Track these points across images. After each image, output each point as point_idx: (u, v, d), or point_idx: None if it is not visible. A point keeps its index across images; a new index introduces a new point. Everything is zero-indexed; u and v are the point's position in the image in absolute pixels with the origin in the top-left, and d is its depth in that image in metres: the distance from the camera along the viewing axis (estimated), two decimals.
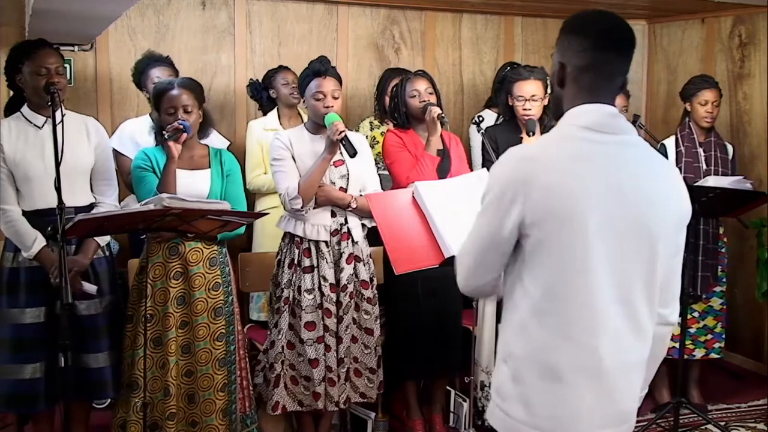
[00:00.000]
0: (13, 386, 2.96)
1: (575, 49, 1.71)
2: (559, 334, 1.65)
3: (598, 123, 1.68)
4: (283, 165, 3.20)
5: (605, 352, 1.65)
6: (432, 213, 2.67)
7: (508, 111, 3.71)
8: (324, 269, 3.21)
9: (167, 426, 3.00)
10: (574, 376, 1.65)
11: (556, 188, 1.62)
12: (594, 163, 1.65)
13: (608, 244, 1.63)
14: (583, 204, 1.62)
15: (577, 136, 1.68)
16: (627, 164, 1.67)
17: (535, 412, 1.67)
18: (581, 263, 1.62)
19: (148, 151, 3.10)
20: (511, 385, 1.71)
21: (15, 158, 2.97)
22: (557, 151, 1.68)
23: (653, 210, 1.67)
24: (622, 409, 1.72)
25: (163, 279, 3.01)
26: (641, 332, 1.70)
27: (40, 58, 2.95)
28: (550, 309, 1.65)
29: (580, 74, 1.70)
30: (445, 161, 3.48)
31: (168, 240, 3.02)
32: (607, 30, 1.71)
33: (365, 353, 3.33)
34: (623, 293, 1.66)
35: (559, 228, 1.62)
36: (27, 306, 2.98)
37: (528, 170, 1.65)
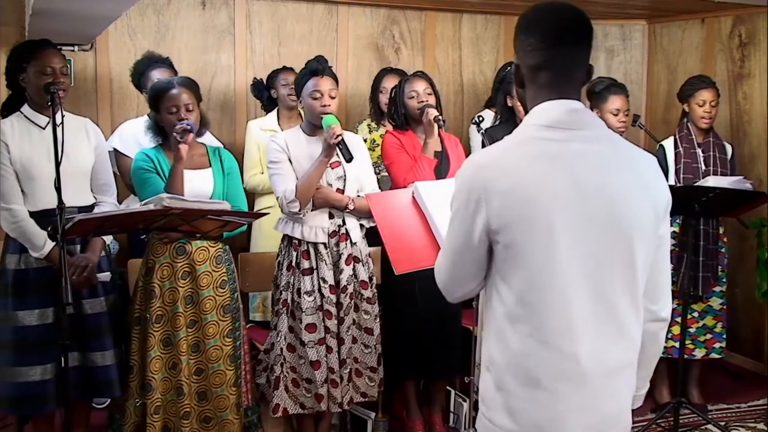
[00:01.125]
0: (22, 388, 2.95)
1: (527, 48, 1.66)
2: (534, 340, 1.60)
3: (557, 120, 1.63)
4: (280, 167, 3.20)
5: (583, 357, 1.60)
6: (432, 213, 2.66)
7: (507, 111, 3.71)
8: (323, 271, 3.20)
9: (182, 425, 3.00)
10: (554, 382, 1.61)
11: (515, 192, 1.58)
12: (556, 163, 1.60)
13: (579, 244, 1.59)
14: (546, 205, 1.57)
15: (537, 136, 1.64)
16: (592, 160, 1.62)
17: (519, 420, 1.64)
18: (550, 266, 1.58)
19: (148, 152, 3.10)
20: (495, 393, 1.67)
21: (21, 159, 2.97)
22: (516, 154, 1.64)
23: (624, 204, 1.61)
24: (608, 414, 1.67)
25: (172, 279, 3.02)
26: (624, 334, 1.65)
27: (45, 58, 2.96)
28: (523, 315, 1.61)
29: (536, 73, 1.66)
30: (443, 163, 3.48)
31: (175, 240, 3.02)
32: (555, 25, 1.64)
33: (365, 353, 3.33)
34: (601, 295, 1.61)
35: (524, 232, 1.58)
36: (36, 307, 2.97)
37: (486, 176, 1.61)
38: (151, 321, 2.98)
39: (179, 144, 2.94)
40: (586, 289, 1.60)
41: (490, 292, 1.69)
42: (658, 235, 1.68)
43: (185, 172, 3.04)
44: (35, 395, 2.97)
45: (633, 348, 1.68)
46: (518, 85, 1.72)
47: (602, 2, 4.77)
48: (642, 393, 1.84)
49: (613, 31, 5.50)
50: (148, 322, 3.00)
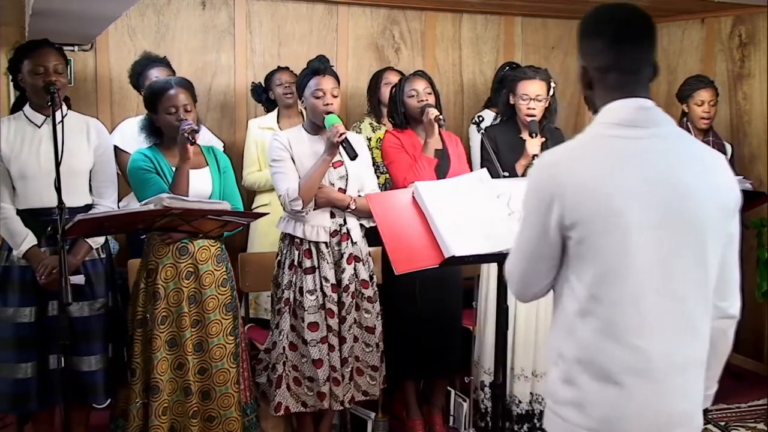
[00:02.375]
0: (5, 386, 2.96)
1: (592, 51, 1.70)
2: (605, 334, 1.63)
3: (628, 118, 1.66)
4: (283, 166, 3.20)
5: (654, 353, 1.62)
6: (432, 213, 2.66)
7: (509, 110, 3.70)
8: (325, 270, 3.20)
9: (191, 425, 3.00)
10: (625, 377, 1.63)
11: (589, 188, 1.61)
12: (628, 159, 1.63)
13: (651, 240, 1.61)
14: (620, 201, 1.60)
15: (608, 133, 1.67)
16: (663, 157, 1.64)
17: (589, 414, 1.65)
18: (623, 262, 1.61)
19: (146, 151, 3.09)
20: (563, 387, 1.69)
21: (10, 156, 2.97)
22: (587, 151, 1.67)
23: (695, 201, 1.63)
24: (679, 411, 1.68)
25: (176, 279, 3.01)
26: (695, 330, 1.66)
27: (38, 57, 2.95)
28: (595, 309, 1.63)
29: (604, 74, 1.69)
30: (444, 162, 3.48)
31: (177, 241, 3.02)
32: (619, 25, 1.68)
33: (366, 351, 3.33)
34: (673, 291, 1.63)
35: (597, 227, 1.61)
36: (19, 305, 2.98)
37: (558, 173, 1.65)
38: (156, 322, 2.98)
39: (188, 144, 2.92)
40: (659, 285, 1.62)
41: (561, 288, 1.71)
42: (727, 232, 1.69)
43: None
44: (18, 394, 2.96)
45: (703, 346, 1.69)
46: (586, 87, 1.75)
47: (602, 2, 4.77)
48: (711, 393, 1.83)
49: None
50: (152, 324, 2.99)
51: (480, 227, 2.61)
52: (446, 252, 2.54)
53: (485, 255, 2.59)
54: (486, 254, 2.58)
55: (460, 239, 2.56)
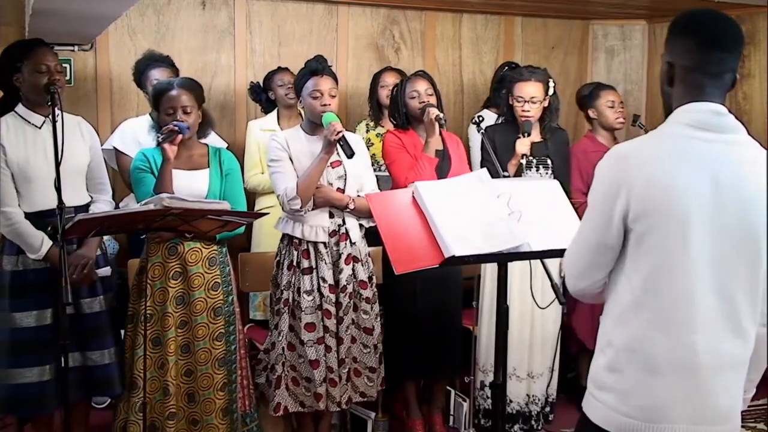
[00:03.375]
0: (20, 390, 2.95)
1: (682, 49, 1.75)
2: (656, 326, 1.69)
3: (704, 121, 1.71)
4: (281, 166, 3.20)
5: (701, 348, 1.68)
6: (432, 213, 2.66)
7: (510, 111, 3.70)
8: (323, 270, 3.20)
9: (167, 426, 3.00)
10: (669, 369, 1.69)
11: (657, 182, 1.66)
12: (698, 160, 1.68)
13: (710, 240, 1.66)
14: (685, 199, 1.65)
15: (682, 133, 1.72)
16: (732, 163, 1.69)
17: (629, 402, 1.72)
18: (681, 257, 1.66)
19: (147, 151, 3.10)
20: (607, 374, 1.76)
21: (18, 160, 2.96)
22: (659, 147, 1.72)
23: (758, 209, 1.68)
24: (718, 408, 1.72)
25: (162, 279, 3.02)
26: (741, 332, 1.71)
27: (39, 56, 2.95)
28: (649, 301, 1.70)
29: (688, 74, 1.74)
30: (444, 161, 3.48)
31: (167, 240, 3.02)
32: (712, 30, 1.73)
33: (364, 353, 3.33)
34: (724, 290, 1.68)
35: (660, 221, 1.66)
36: (35, 308, 2.97)
37: (629, 165, 1.70)
38: (140, 320, 2.99)
39: (163, 144, 2.95)
40: (711, 284, 1.68)
41: (616, 279, 1.77)
42: None
43: (182, 172, 3.05)
44: (33, 397, 2.96)
45: (747, 348, 1.75)
46: (667, 83, 1.79)
47: (602, 2, 4.78)
48: (748, 396, 1.88)
49: (613, 31, 5.50)
50: (138, 321, 3.01)
51: (480, 227, 2.61)
52: (446, 252, 2.54)
53: (485, 255, 2.59)
54: (486, 254, 2.58)
55: (460, 239, 2.55)
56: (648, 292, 1.70)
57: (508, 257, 2.64)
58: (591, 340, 3.85)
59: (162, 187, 2.94)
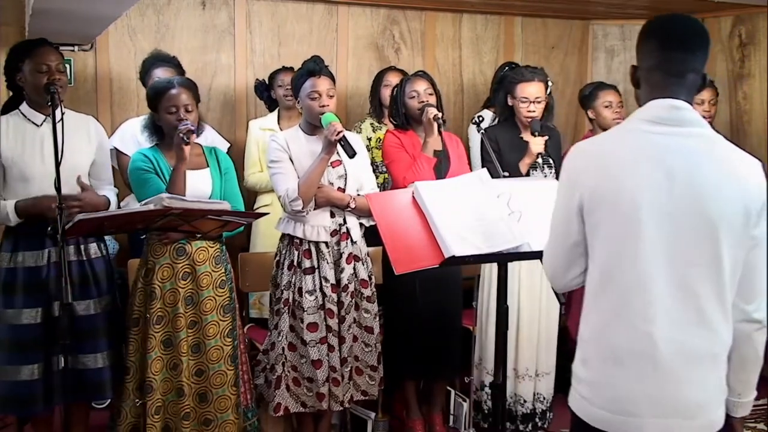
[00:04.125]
0: (10, 388, 2.95)
1: (645, 51, 1.81)
2: (614, 317, 1.72)
3: (660, 116, 1.75)
4: (281, 167, 3.19)
5: (659, 338, 1.69)
6: (432, 213, 2.66)
7: (507, 111, 3.70)
8: (325, 270, 3.20)
9: (182, 426, 3.00)
10: (630, 359, 1.71)
11: (608, 175, 1.72)
12: (651, 153, 1.72)
13: (663, 230, 1.68)
14: (636, 190, 1.69)
15: (638, 128, 1.77)
16: (685, 154, 1.72)
17: (599, 393, 1.76)
18: (633, 248, 1.69)
19: (146, 152, 3.09)
20: (581, 367, 1.81)
21: (12, 157, 2.96)
22: (614, 141, 1.79)
23: (711, 199, 1.69)
24: (687, 401, 1.72)
25: (172, 280, 3.01)
26: (707, 324, 1.71)
27: (40, 55, 2.95)
28: (605, 292, 1.74)
29: (650, 73, 1.80)
30: (444, 162, 3.48)
31: (175, 241, 3.01)
32: (672, 31, 1.80)
33: (366, 351, 3.33)
34: (682, 281, 1.69)
35: (610, 213, 1.71)
36: (24, 307, 2.96)
37: (583, 161, 1.79)
38: (152, 322, 2.98)
39: (184, 145, 2.93)
40: (667, 273, 1.69)
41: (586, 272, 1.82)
42: (751, 235, 1.74)
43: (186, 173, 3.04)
44: (24, 396, 2.95)
45: (716, 341, 1.74)
46: (634, 85, 1.86)
47: (602, 2, 4.77)
48: (746, 400, 1.87)
49: (613, 31, 5.50)
50: (148, 323, 2.99)
51: (480, 227, 2.61)
52: (446, 252, 2.54)
53: (485, 255, 2.59)
54: (486, 254, 2.58)
55: (460, 239, 2.55)
56: (604, 282, 1.74)
57: (508, 257, 2.64)
58: None
59: (176, 188, 2.94)
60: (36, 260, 2.98)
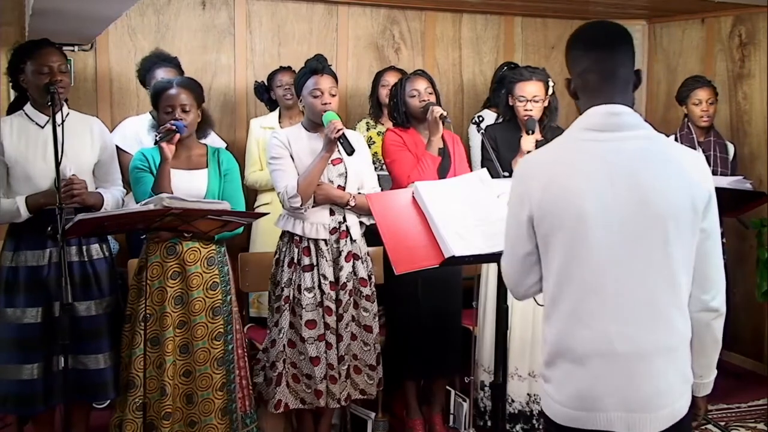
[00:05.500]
0: (10, 387, 2.95)
1: (574, 59, 1.87)
2: (572, 319, 1.77)
3: (596, 123, 1.80)
4: (281, 163, 3.20)
5: (615, 337, 1.74)
6: (432, 213, 2.66)
7: (509, 111, 3.70)
8: (323, 267, 3.21)
9: (162, 426, 2.99)
10: (590, 359, 1.76)
11: (551, 185, 1.77)
12: (592, 160, 1.76)
13: (612, 233, 1.73)
14: (580, 197, 1.73)
15: (576, 137, 1.83)
16: (626, 155, 1.76)
17: (563, 392, 1.81)
18: (584, 252, 1.74)
19: (146, 151, 3.10)
20: (545, 369, 1.86)
21: (16, 157, 2.97)
22: (558, 152, 1.84)
23: (656, 194, 1.73)
24: (648, 395, 1.76)
25: (161, 278, 3.01)
26: (661, 319, 1.76)
27: (42, 56, 2.96)
28: (562, 297, 1.78)
29: (581, 78, 1.85)
30: (446, 161, 3.48)
31: (166, 240, 3.01)
32: (593, 33, 1.87)
33: (364, 350, 3.33)
34: (634, 280, 1.74)
35: (560, 221, 1.75)
36: (26, 306, 2.97)
37: (529, 172, 1.83)
38: (138, 319, 2.98)
39: (161, 143, 2.94)
40: (618, 273, 1.74)
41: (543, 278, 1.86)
42: (700, 227, 1.78)
43: (180, 172, 3.05)
44: (24, 395, 2.96)
45: (672, 333, 1.78)
46: (573, 97, 1.91)
47: (602, 2, 4.78)
48: (707, 381, 1.94)
49: None
50: (134, 320, 3.00)
51: (480, 227, 2.61)
52: (446, 252, 2.54)
53: (485, 255, 2.59)
54: (486, 254, 2.58)
55: (460, 239, 2.56)
56: (561, 288, 1.78)
57: None
58: None
59: (160, 187, 2.94)
60: (37, 260, 2.99)
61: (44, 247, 2.98)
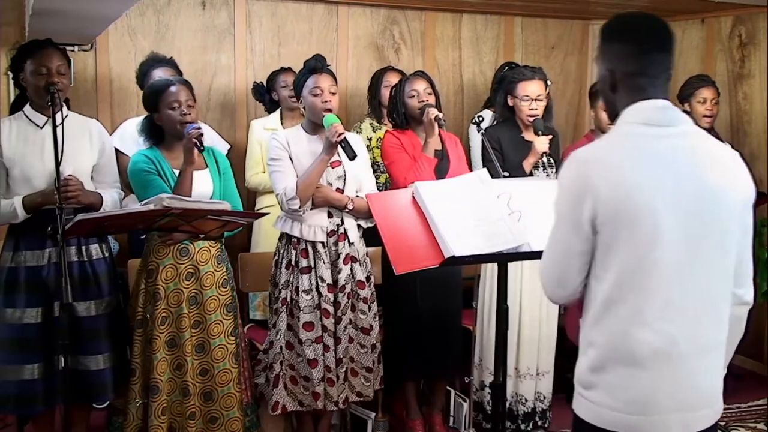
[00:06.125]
0: (10, 387, 2.95)
1: (621, 55, 1.81)
2: (634, 321, 1.72)
3: (653, 117, 1.77)
4: (281, 165, 3.20)
5: (679, 338, 1.72)
6: (432, 213, 2.66)
7: (507, 111, 3.70)
8: (321, 270, 3.20)
9: (188, 426, 3.00)
10: (651, 361, 1.72)
11: (621, 184, 1.70)
12: (655, 157, 1.73)
13: (678, 232, 1.71)
14: (650, 197, 1.70)
15: (636, 132, 1.77)
16: (686, 153, 1.75)
17: (618, 397, 1.75)
18: (652, 253, 1.70)
19: (147, 153, 3.09)
20: (591, 373, 1.79)
21: (14, 158, 2.97)
22: (618, 148, 1.77)
23: (717, 194, 1.73)
24: (701, 392, 1.77)
25: (176, 281, 3.01)
26: (717, 315, 1.77)
27: (41, 57, 2.96)
28: (624, 298, 1.73)
29: (630, 78, 1.80)
30: (444, 162, 3.48)
31: (178, 242, 3.01)
32: (649, 34, 1.81)
33: (361, 353, 3.33)
34: (698, 279, 1.73)
35: (628, 220, 1.70)
36: (25, 306, 2.97)
37: (591, 169, 1.74)
38: (157, 323, 2.98)
39: (194, 148, 2.93)
40: (683, 272, 1.72)
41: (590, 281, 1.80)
42: (744, 223, 1.80)
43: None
44: (24, 395, 2.96)
45: (724, 330, 1.80)
46: (610, 90, 1.84)
47: (602, 2, 4.77)
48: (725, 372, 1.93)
49: None
50: (153, 324, 2.99)
51: (480, 227, 2.61)
52: (446, 252, 2.54)
53: (485, 255, 2.59)
54: (486, 254, 2.58)
55: (460, 239, 2.56)
56: (621, 289, 1.73)
57: (508, 257, 2.64)
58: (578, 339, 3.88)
59: (183, 190, 2.95)
60: (37, 260, 2.99)
61: (44, 247, 2.98)
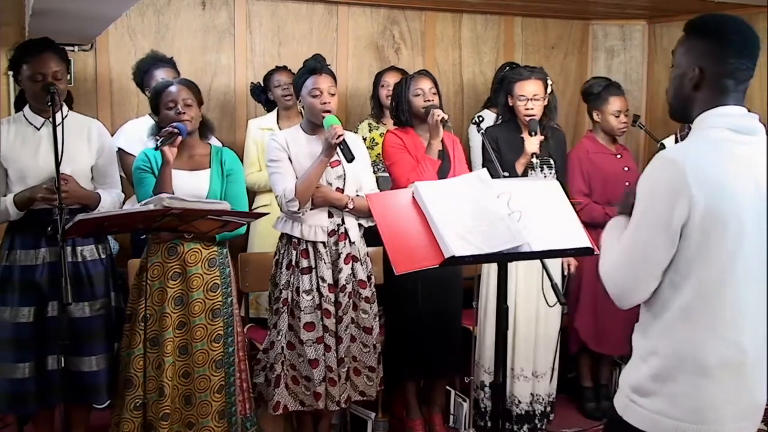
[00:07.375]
0: (3, 386, 2.96)
1: (715, 56, 1.78)
2: (707, 331, 1.72)
3: (741, 125, 1.77)
4: (280, 166, 3.19)
5: (748, 347, 1.73)
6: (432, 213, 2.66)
7: (508, 111, 3.71)
8: (322, 270, 3.20)
9: (160, 426, 2.99)
10: (720, 370, 1.72)
11: (714, 188, 1.68)
12: (742, 164, 1.73)
13: (756, 243, 1.72)
14: (740, 204, 1.69)
15: (728, 138, 1.75)
16: (763, 163, 1.75)
17: (679, 406, 1.74)
18: (735, 263, 1.70)
19: (149, 152, 3.10)
20: (652, 381, 1.77)
21: (12, 158, 2.98)
22: (710, 153, 1.73)
23: None
24: (756, 403, 1.79)
25: (162, 279, 3.01)
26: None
27: (37, 63, 2.94)
28: (701, 308, 1.72)
29: (720, 79, 1.79)
30: (446, 163, 3.48)
31: (167, 241, 3.01)
32: (745, 39, 1.80)
33: (364, 352, 3.33)
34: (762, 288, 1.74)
35: (719, 227, 1.68)
36: (18, 305, 2.97)
37: (685, 173, 1.68)
38: (138, 319, 2.98)
39: (167, 146, 2.94)
40: (754, 282, 1.74)
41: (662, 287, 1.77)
42: None
43: (182, 173, 3.05)
44: (16, 394, 2.96)
45: None
46: (693, 88, 1.81)
47: (602, 2, 4.78)
48: None
49: (613, 31, 5.50)
50: (134, 320, 3.01)
51: (480, 227, 2.61)
52: (446, 252, 2.54)
53: (485, 255, 2.59)
54: (486, 254, 2.58)
55: (460, 239, 2.55)
56: (701, 297, 1.71)
57: (508, 257, 2.63)
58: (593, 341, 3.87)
59: (161, 189, 2.94)
60: (30, 260, 2.99)
61: (38, 246, 2.99)
